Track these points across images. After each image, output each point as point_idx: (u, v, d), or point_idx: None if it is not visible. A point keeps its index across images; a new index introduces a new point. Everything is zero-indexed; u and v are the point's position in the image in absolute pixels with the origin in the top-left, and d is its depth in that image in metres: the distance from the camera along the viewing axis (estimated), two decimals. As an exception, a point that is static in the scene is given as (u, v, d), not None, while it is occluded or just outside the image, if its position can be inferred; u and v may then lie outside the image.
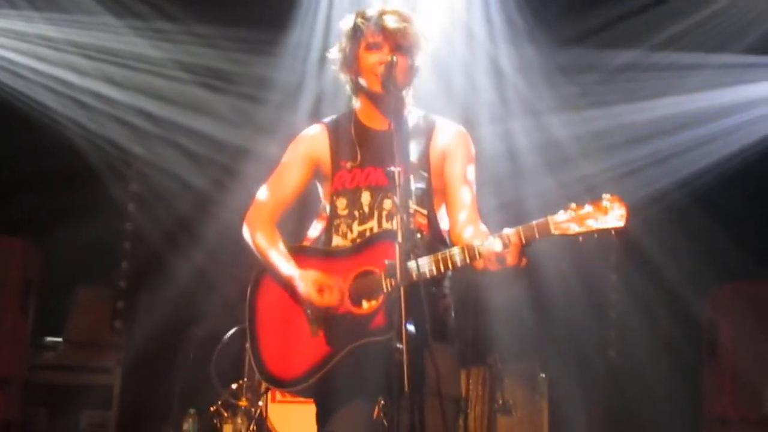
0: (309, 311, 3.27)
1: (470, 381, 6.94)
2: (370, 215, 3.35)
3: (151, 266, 7.24)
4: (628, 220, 2.87)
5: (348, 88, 3.50)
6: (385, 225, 3.31)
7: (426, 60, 3.43)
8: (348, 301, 3.23)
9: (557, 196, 6.63)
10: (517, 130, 6.87)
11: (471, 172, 3.43)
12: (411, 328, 2.88)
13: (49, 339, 6.99)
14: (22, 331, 6.38)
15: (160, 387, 6.90)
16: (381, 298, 3.17)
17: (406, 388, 2.79)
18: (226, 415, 6.10)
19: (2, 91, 6.68)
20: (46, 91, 6.84)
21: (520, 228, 2.97)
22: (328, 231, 3.42)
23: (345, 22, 3.44)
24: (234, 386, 6.15)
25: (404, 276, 2.92)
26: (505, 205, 6.34)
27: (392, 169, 3.05)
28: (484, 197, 3.49)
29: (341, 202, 3.39)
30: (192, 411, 6.17)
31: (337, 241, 3.38)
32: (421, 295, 3.05)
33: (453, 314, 3.38)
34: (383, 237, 3.23)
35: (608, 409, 7.13)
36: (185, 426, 6.13)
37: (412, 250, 3.03)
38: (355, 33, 3.37)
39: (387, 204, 3.33)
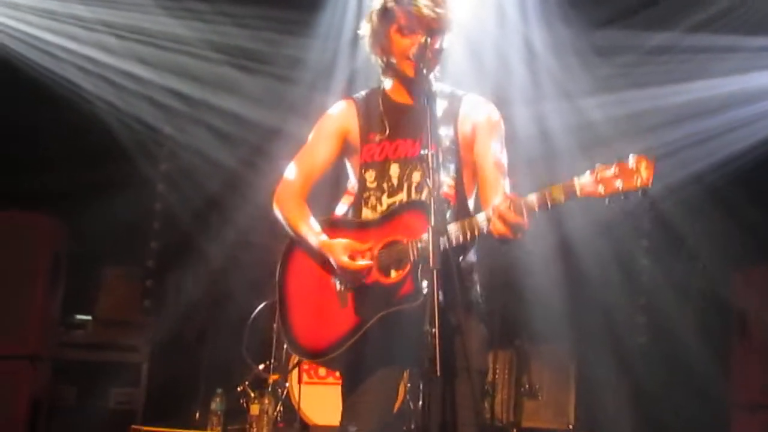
0: (338, 282, 3.30)
1: (497, 364, 6.92)
2: (399, 187, 3.37)
3: (181, 246, 7.26)
4: (652, 178, 2.88)
5: (378, 68, 3.50)
6: (414, 197, 3.33)
7: (457, 39, 3.41)
8: (376, 271, 3.25)
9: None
10: (551, 111, 6.82)
11: (500, 148, 3.42)
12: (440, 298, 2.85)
13: (79, 317, 7.03)
14: (51, 309, 6.41)
15: (188, 366, 6.95)
16: (408, 266, 3.18)
17: (437, 370, 2.77)
18: (253, 395, 6.11)
19: (34, 69, 6.70)
20: (78, 70, 6.86)
21: (545, 191, 2.97)
22: (357, 204, 3.44)
23: (376, 2, 3.43)
24: (261, 366, 6.17)
25: (436, 257, 2.89)
26: (538, 186, 6.29)
27: (425, 151, 3.06)
28: (517, 178, 3.46)
29: (370, 174, 3.42)
30: (219, 390, 6.18)
31: (366, 213, 3.41)
32: (451, 268, 3.03)
33: (480, 291, 3.38)
34: (410, 207, 3.28)
35: (636, 393, 7.07)
36: (213, 405, 6.15)
37: (443, 227, 3.02)
38: (387, 14, 3.37)
39: (416, 176, 3.35)
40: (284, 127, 6.71)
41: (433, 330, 2.80)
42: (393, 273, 3.23)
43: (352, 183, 3.51)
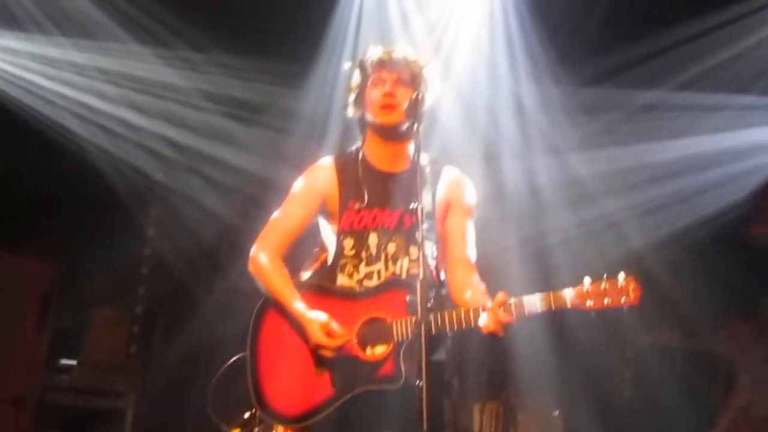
0: (316, 350, 3.30)
1: (484, 416, 6.90)
2: (377, 257, 3.41)
3: (170, 292, 7.25)
4: (640, 299, 3.03)
5: (357, 125, 3.61)
6: (391, 268, 3.38)
7: (449, 93, 3.49)
8: (357, 345, 3.25)
9: (578, 232, 6.65)
10: (540, 166, 6.89)
11: (471, 227, 3.52)
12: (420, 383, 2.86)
13: (65, 361, 7.00)
14: (38, 351, 6.40)
15: (173, 414, 6.89)
16: (390, 346, 3.20)
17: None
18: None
19: (29, 114, 6.75)
20: (72, 115, 6.91)
21: (537, 298, 3.08)
22: (332, 269, 3.44)
23: (353, 65, 3.60)
24: (246, 415, 6.11)
25: (424, 316, 2.91)
26: (526, 240, 6.35)
27: (413, 205, 3.13)
28: (506, 232, 3.53)
29: (348, 242, 3.43)
30: (206, 440, 6.13)
31: (342, 280, 3.41)
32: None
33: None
34: (395, 285, 3.30)
35: (623, 448, 7.06)
36: (197, 455, 6.10)
37: (430, 298, 3.06)
38: (362, 72, 3.52)
39: (391, 247, 3.41)
40: (277, 178, 6.75)
41: (421, 383, 2.81)
42: (373, 350, 3.25)
43: (329, 249, 3.50)
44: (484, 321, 3.11)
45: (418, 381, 2.86)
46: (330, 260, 3.48)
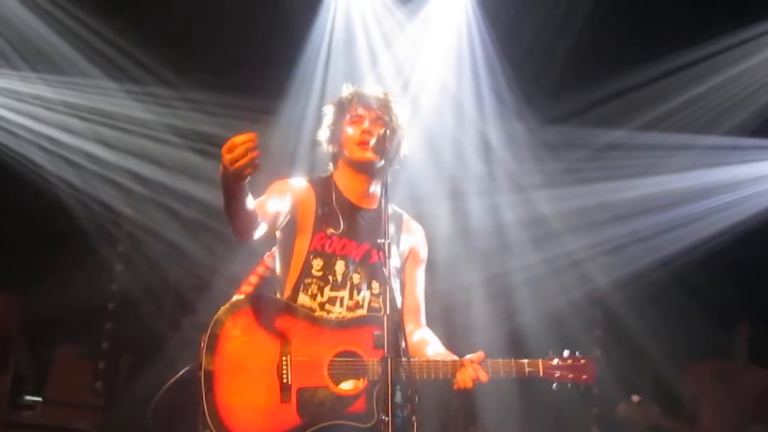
0: (285, 373, 3.21)
1: (452, 453, 6.89)
2: (343, 284, 3.44)
3: (137, 329, 7.18)
4: (595, 377, 3.48)
5: (329, 157, 3.64)
6: (355, 297, 3.42)
7: (416, 132, 3.57)
8: (328, 377, 3.24)
9: (542, 270, 6.70)
10: (504, 204, 6.95)
11: (423, 274, 3.69)
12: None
13: (28, 398, 6.90)
14: (1, 387, 6.30)
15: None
16: (364, 383, 3.22)
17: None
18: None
19: (-7, 147, 6.74)
20: (38, 149, 6.88)
21: (513, 363, 3.38)
22: (295, 288, 3.41)
23: (330, 103, 3.64)
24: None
25: (392, 350, 2.92)
26: (491, 278, 6.39)
27: (381, 240, 3.08)
28: (470, 269, 3.61)
29: (317, 263, 3.43)
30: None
31: (303, 299, 3.39)
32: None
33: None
34: (371, 321, 3.30)
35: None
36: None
37: (397, 330, 3.04)
38: (341, 109, 3.58)
39: (356, 278, 3.45)
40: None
41: (387, 419, 2.82)
42: (346, 384, 3.24)
43: (280, 266, 3.48)
44: (459, 376, 3.28)
45: (384, 417, 2.85)
46: (283, 276, 3.47)
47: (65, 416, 6.79)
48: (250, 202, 3.08)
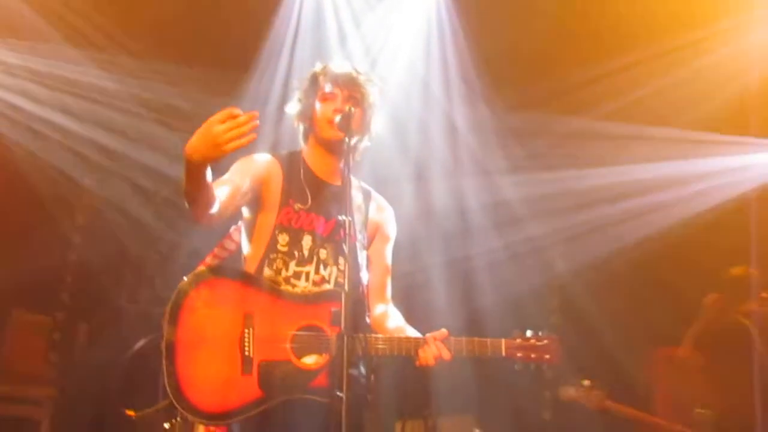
0: (247, 346, 3.20)
1: (405, 433, 6.94)
2: (309, 259, 3.44)
3: (94, 301, 7.13)
4: (559, 357, 3.41)
5: (300, 133, 3.63)
6: (321, 272, 3.42)
7: (382, 114, 3.57)
8: (290, 350, 3.23)
9: (504, 255, 6.74)
10: (468, 187, 6.99)
11: (390, 252, 3.70)
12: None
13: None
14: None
15: (90, 427, 6.74)
16: (327, 358, 3.21)
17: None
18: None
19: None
20: (-1, 116, 6.78)
21: (476, 342, 3.33)
22: (261, 263, 3.42)
23: (303, 76, 3.63)
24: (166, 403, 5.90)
25: (349, 325, 2.94)
26: (452, 261, 6.42)
27: (342, 217, 3.11)
28: (432, 251, 3.62)
29: (283, 238, 3.44)
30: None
31: (268, 273, 3.39)
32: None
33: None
34: (337, 297, 3.21)
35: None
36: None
37: (359, 306, 3.06)
38: (313, 85, 3.57)
39: (323, 253, 3.45)
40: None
41: (341, 395, 2.83)
42: (308, 359, 3.24)
43: (247, 241, 3.48)
44: (422, 353, 3.27)
45: (338, 392, 2.86)
46: (248, 251, 3.47)
47: (17, 386, 6.72)
48: (211, 185, 3.05)
